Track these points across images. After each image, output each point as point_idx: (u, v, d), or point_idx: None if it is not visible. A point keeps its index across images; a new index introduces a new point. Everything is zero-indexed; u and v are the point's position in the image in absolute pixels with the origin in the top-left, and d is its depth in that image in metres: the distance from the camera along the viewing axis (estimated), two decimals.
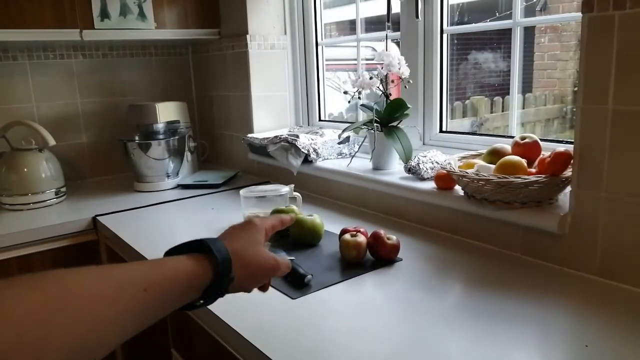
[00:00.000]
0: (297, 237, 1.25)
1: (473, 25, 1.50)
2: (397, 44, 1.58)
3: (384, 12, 1.51)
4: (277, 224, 0.76)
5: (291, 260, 1.08)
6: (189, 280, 0.58)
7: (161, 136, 1.93)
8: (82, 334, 0.44)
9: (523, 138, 1.15)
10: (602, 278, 0.98)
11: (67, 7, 1.69)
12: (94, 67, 2.07)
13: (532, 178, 1.02)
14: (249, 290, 0.69)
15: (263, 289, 0.73)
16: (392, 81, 1.49)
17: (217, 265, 0.60)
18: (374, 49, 2.07)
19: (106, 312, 0.48)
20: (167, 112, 1.94)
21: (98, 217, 1.56)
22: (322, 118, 2.00)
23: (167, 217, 1.57)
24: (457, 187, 1.22)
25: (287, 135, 1.70)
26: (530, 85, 3.07)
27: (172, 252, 0.63)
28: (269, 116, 1.99)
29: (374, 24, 1.92)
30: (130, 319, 0.51)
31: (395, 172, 1.47)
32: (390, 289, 0.99)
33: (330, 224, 1.34)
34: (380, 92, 1.49)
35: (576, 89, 0.98)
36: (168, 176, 1.90)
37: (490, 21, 1.47)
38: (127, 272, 0.53)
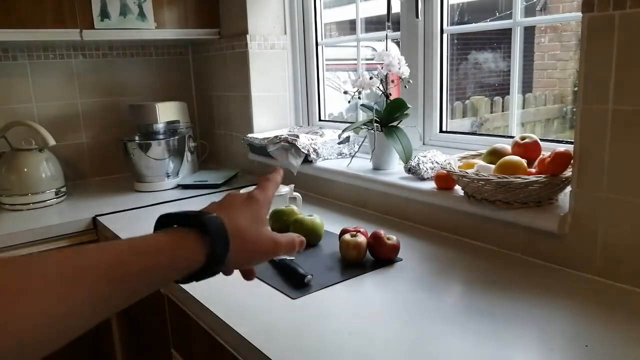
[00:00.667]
0: None
1: (473, 25, 1.50)
2: (397, 44, 1.58)
3: (384, 12, 1.51)
4: (275, 189, 0.67)
5: (291, 260, 1.09)
6: (172, 263, 0.53)
7: (161, 136, 1.93)
8: (41, 320, 0.42)
9: (523, 138, 1.15)
10: (602, 278, 0.98)
11: (67, 7, 1.69)
12: (94, 67, 2.07)
13: (532, 178, 1.02)
14: (231, 272, 0.62)
15: (247, 275, 0.66)
16: (392, 81, 1.49)
17: (213, 250, 0.54)
18: (374, 49, 2.07)
19: (68, 297, 0.44)
20: (167, 112, 1.94)
21: (98, 217, 1.56)
22: (322, 118, 2.00)
23: None
24: (457, 187, 1.22)
25: (287, 135, 1.70)
26: (530, 85, 3.07)
27: (165, 220, 0.57)
28: (269, 116, 1.99)
29: (374, 24, 1.92)
30: (97, 304, 0.47)
31: (395, 172, 1.47)
32: (390, 289, 0.99)
33: (330, 224, 1.34)
34: (380, 92, 1.49)
35: (576, 89, 0.98)
36: (168, 176, 1.90)
37: (490, 21, 1.47)
38: (96, 255, 0.48)
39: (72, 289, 0.45)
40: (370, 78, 1.47)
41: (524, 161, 1.08)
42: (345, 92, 1.53)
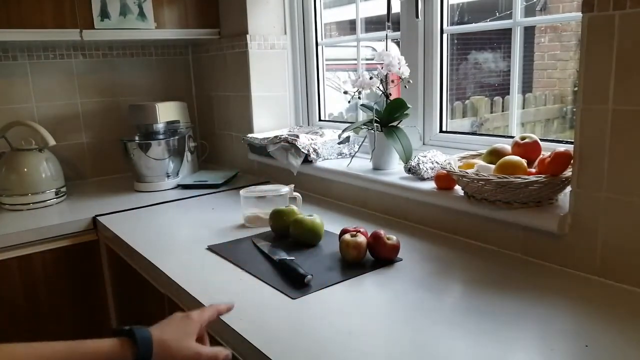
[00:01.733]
0: (297, 237, 1.25)
1: (473, 25, 1.50)
2: (397, 44, 1.58)
3: (384, 12, 1.51)
4: (213, 315, 0.81)
5: (291, 260, 1.09)
6: None
7: (161, 136, 1.93)
8: None
9: (523, 138, 1.15)
10: (602, 278, 0.98)
11: (67, 7, 1.69)
12: (94, 67, 2.07)
13: (532, 178, 1.02)
14: None
15: None
16: (392, 81, 1.49)
17: (137, 353, 0.68)
18: (374, 49, 2.07)
19: None
20: (167, 112, 1.94)
21: (98, 217, 1.56)
22: (322, 118, 2.00)
23: (167, 217, 1.57)
24: (457, 187, 1.22)
25: (287, 135, 1.70)
26: (530, 85, 3.07)
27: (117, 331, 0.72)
28: (269, 116, 1.99)
29: (374, 24, 1.92)
30: None
31: (395, 172, 1.47)
32: (390, 289, 0.99)
33: (330, 224, 1.34)
34: (380, 92, 1.49)
35: (576, 89, 0.98)
36: (168, 176, 1.90)
37: (490, 21, 1.47)
38: (41, 355, 0.62)
39: None
40: (370, 78, 1.47)
41: (524, 161, 1.08)
42: (345, 92, 1.53)
